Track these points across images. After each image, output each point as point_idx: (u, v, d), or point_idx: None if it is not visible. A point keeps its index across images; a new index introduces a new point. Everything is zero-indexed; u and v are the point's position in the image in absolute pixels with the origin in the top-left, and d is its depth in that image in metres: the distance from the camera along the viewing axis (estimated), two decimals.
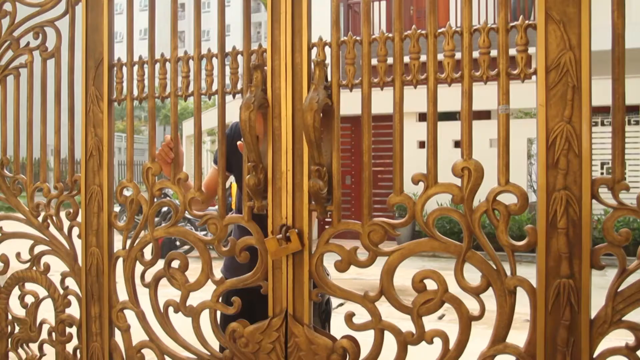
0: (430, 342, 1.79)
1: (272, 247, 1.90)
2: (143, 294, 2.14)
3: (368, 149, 1.86)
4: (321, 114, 1.78)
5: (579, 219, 1.62)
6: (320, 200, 1.86)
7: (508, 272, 1.70)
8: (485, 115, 11.15)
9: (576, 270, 1.63)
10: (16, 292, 2.47)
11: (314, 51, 1.92)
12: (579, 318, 1.63)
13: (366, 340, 1.87)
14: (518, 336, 1.72)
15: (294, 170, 1.93)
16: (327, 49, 1.90)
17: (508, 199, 1.67)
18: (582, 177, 1.62)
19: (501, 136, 1.69)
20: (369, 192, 1.87)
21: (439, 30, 1.77)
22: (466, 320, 1.75)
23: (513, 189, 1.69)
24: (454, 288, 1.76)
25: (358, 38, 1.87)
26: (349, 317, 1.87)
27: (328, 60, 1.90)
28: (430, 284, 1.78)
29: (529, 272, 1.77)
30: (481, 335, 1.83)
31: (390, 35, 1.82)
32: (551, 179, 1.64)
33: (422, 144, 12.49)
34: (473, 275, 1.74)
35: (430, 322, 1.78)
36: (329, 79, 1.90)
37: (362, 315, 1.87)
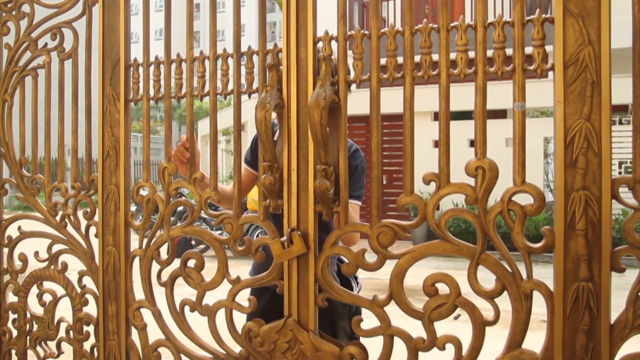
0: (442, 348, 1.74)
1: (276, 251, 1.85)
2: (159, 293, 2.15)
3: (377, 147, 1.79)
4: (328, 111, 1.73)
5: (598, 220, 1.56)
6: (326, 201, 1.81)
7: (524, 275, 1.65)
8: (501, 114, 11.08)
9: (595, 274, 1.57)
10: (34, 290, 2.49)
11: (321, 46, 1.87)
12: (598, 323, 1.57)
13: (376, 346, 1.83)
14: (534, 337, 1.69)
15: (299, 169, 1.88)
16: (335, 44, 1.85)
17: (524, 199, 1.62)
18: (602, 176, 1.56)
19: (517, 134, 1.64)
20: (378, 193, 1.81)
21: (452, 24, 1.70)
22: (480, 326, 1.70)
23: (529, 189, 1.63)
24: (466, 289, 1.72)
25: (366, 32, 1.81)
26: (357, 322, 1.85)
27: (335, 56, 1.85)
28: (442, 287, 1.74)
29: (545, 272, 1.74)
30: (496, 336, 1.81)
31: (401, 29, 1.76)
32: (569, 179, 1.59)
33: (436, 144, 12.40)
34: (487, 275, 1.69)
35: (445, 323, 1.75)
36: (336, 75, 1.83)
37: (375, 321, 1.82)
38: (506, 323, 1.67)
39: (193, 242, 8.62)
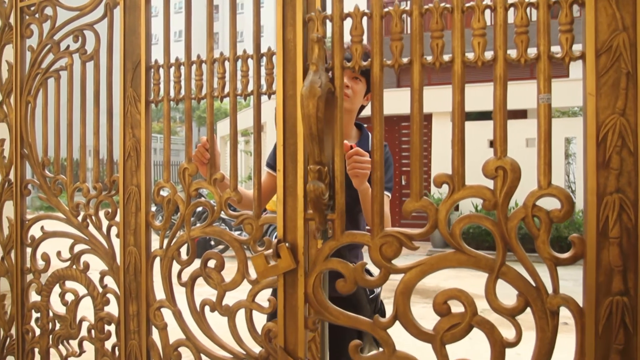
0: None
1: (259, 267, 1.65)
2: (180, 293, 2.16)
3: (379, 145, 1.58)
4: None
5: (634, 227, 1.40)
6: (320, 207, 1.57)
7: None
8: (521, 114, 11.00)
9: (631, 286, 1.40)
10: (57, 289, 2.52)
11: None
12: (634, 341, 1.41)
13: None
14: (557, 343, 1.53)
15: (285, 170, 1.67)
16: (329, 24, 1.65)
17: (546, 203, 1.48)
18: (638, 177, 1.41)
19: (542, 130, 1.47)
20: (381, 197, 1.59)
21: (467, 4, 1.51)
22: (500, 348, 1.52)
23: (557, 192, 1.45)
24: (482, 304, 1.57)
25: (367, 11, 1.60)
26: (355, 347, 1.64)
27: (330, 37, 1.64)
28: (454, 300, 1.56)
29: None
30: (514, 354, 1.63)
31: (408, 8, 1.57)
32: (602, 181, 1.43)
33: None
34: (506, 289, 1.54)
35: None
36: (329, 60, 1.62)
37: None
38: (527, 325, 1.53)
39: (212, 243, 8.68)
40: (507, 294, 1.54)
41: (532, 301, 1.49)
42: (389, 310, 1.72)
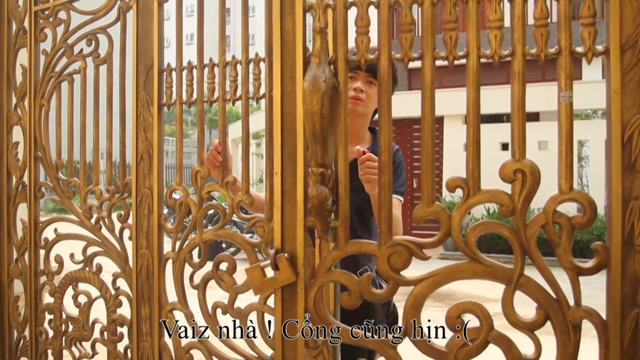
0: None
1: (255, 279, 1.52)
2: (192, 295, 2.16)
3: (387, 146, 1.47)
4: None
5: None
6: (323, 214, 1.45)
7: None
8: (533, 117, 10.95)
9: None
10: (70, 291, 2.53)
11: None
12: None
13: None
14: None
15: (283, 173, 1.55)
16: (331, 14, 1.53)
17: (565, 208, 1.38)
18: None
19: (564, 131, 1.38)
20: (388, 202, 1.47)
21: None
22: None
23: (579, 197, 1.36)
24: (492, 293, 1.47)
25: (373, 0, 1.49)
26: None
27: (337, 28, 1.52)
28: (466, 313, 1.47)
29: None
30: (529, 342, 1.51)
31: None
32: (627, 184, 1.34)
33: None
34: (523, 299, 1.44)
35: None
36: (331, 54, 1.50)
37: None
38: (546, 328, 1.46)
39: (223, 245, 8.70)
40: (520, 300, 1.47)
41: (552, 314, 1.39)
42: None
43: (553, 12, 5.34)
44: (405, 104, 7.92)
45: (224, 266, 2.08)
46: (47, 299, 2.63)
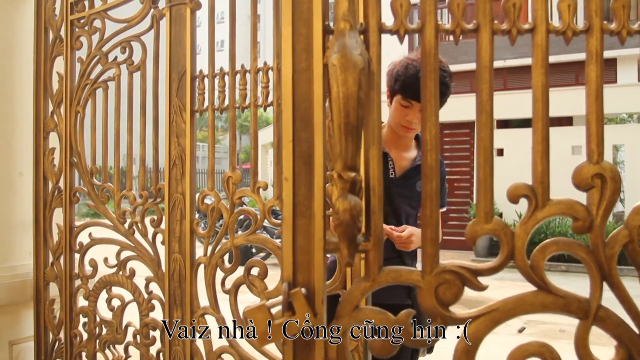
0: None
1: (261, 324, 1.09)
2: (223, 300, 2.18)
3: (435, 142, 1.10)
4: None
5: None
6: (352, 234, 1.05)
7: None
8: (566, 121, 10.77)
9: None
10: (104, 295, 2.57)
11: None
12: None
13: None
14: (605, 352, 1.15)
15: (295, 178, 1.16)
16: None
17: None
18: None
19: None
20: (435, 219, 1.11)
21: None
22: None
23: None
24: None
25: None
26: None
27: None
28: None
29: (583, 283, 1.17)
30: (568, 351, 1.19)
31: None
32: None
33: (499, 152, 12.16)
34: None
35: (510, 337, 1.36)
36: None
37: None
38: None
39: (253, 250, 8.74)
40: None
41: (636, 354, 1.06)
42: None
43: None
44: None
45: (255, 271, 2.09)
46: (82, 302, 2.67)
